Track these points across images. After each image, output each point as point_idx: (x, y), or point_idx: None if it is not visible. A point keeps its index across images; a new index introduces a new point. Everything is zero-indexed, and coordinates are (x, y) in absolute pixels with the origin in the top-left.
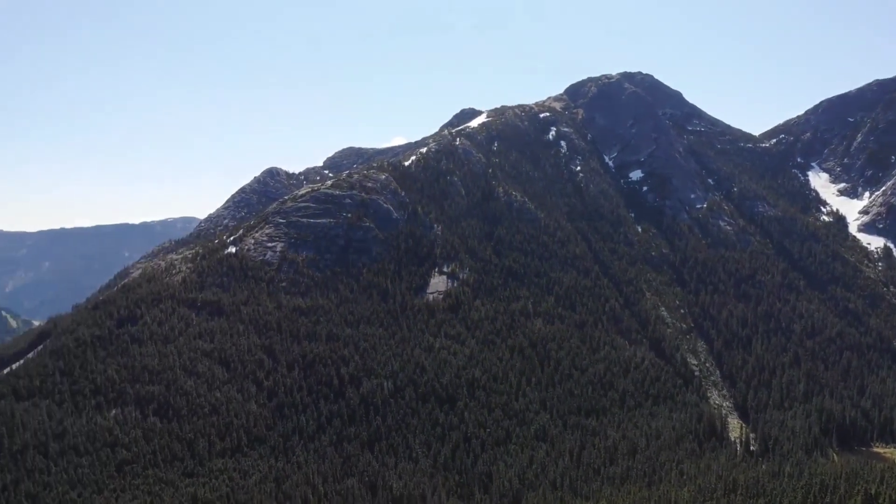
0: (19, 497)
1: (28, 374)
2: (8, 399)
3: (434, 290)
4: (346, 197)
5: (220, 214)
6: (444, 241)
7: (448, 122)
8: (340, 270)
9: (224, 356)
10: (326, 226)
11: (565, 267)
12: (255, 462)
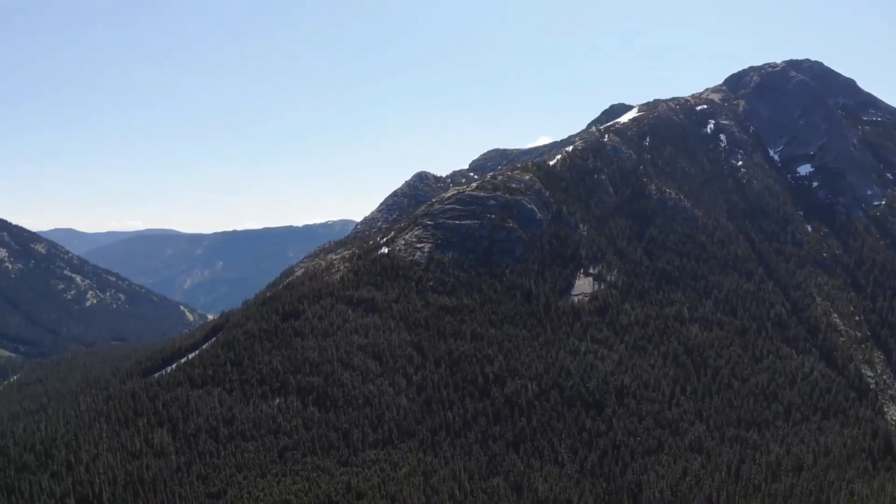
0: (191, 477)
1: (202, 363)
2: (184, 386)
3: (579, 293)
4: (491, 198)
5: (374, 217)
6: (591, 242)
7: (596, 119)
8: (484, 271)
9: (377, 351)
10: (471, 227)
11: (725, 269)
12: (404, 455)
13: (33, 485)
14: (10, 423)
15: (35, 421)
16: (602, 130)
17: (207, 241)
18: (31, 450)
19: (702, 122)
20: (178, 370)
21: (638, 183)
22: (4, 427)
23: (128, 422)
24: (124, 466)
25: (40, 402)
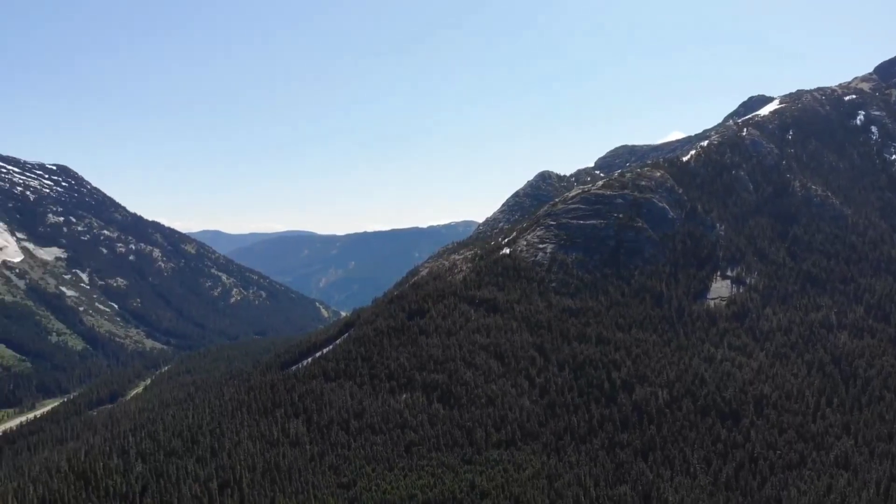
0: (324, 467)
1: (336, 358)
2: (318, 379)
3: (716, 296)
4: (618, 197)
5: (496, 218)
6: (728, 242)
7: (733, 112)
8: (610, 272)
9: (499, 351)
10: (596, 227)
11: (878, 272)
12: (528, 457)
13: (180, 469)
14: (161, 410)
15: (183, 409)
16: (740, 124)
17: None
18: (178, 435)
19: (850, 114)
20: (314, 364)
21: (780, 179)
22: (155, 414)
23: (267, 412)
24: (263, 454)
25: (188, 392)
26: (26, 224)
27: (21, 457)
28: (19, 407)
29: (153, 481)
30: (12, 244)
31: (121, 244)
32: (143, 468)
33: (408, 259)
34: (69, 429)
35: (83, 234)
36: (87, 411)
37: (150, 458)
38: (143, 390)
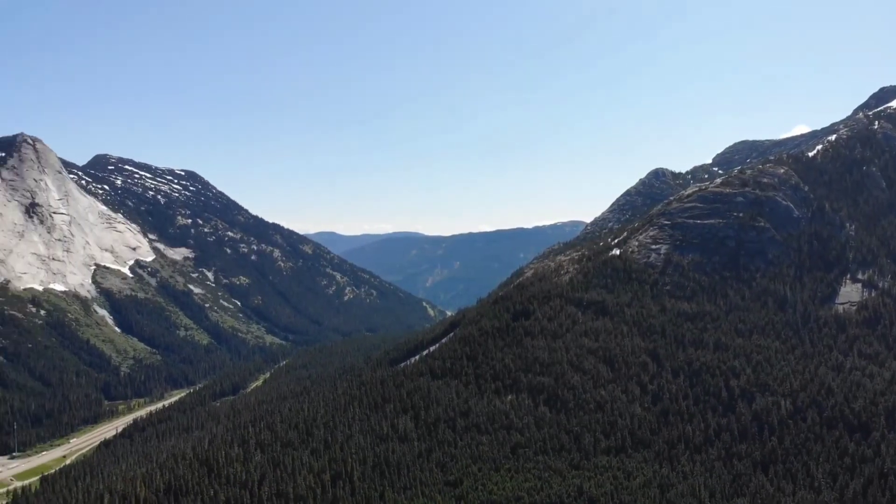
0: (431, 464)
1: (442, 356)
2: (426, 377)
3: (845, 301)
4: (738, 195)
5: (605, 217)
6: (859, 243)
7: (863, 104)
8: (730, 275)
9: (608, 355)
10: (714, 227)
11: None
12: (639, 464)
13: (295, 459)
14: (279, 403)
15: (299, 401)
16: (871, 116)
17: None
18: (294, 427)
19: None
20: (421, 362)
21: None
22: (273, 406)
23: (377, 407)
24: (373, 448)
25: (304, 385)
26: (158, 226)
27: (150, 444)
28: (150, 397)
29: (271, 471)
30: (145, 245)
31: (243, 245)
32: (261, 458)
33: (512, 260)
34: (194, 418)
35: (209, 235)
36: (210, 402)
37: (268, 448)
38: (262, 383)
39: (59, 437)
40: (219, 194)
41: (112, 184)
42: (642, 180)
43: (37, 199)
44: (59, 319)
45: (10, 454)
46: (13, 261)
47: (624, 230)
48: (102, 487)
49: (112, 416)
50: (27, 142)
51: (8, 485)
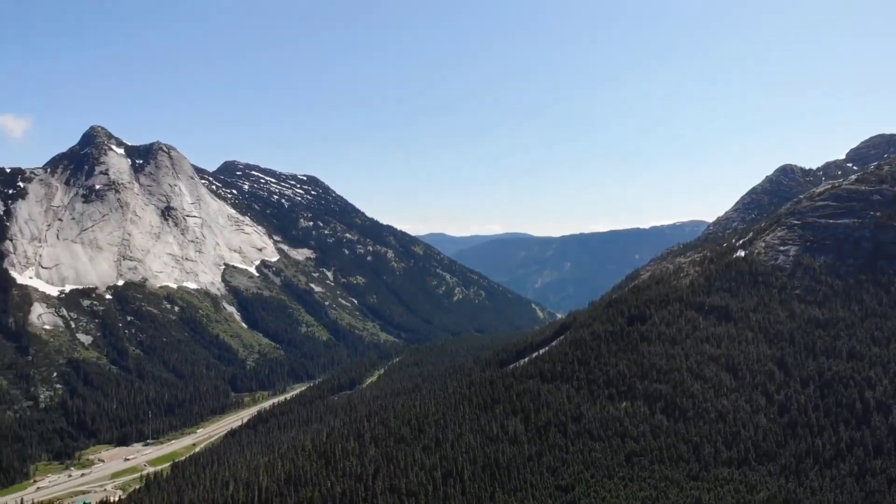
0: (541, 468)
1: (552, 359)
2: (535, 379)
3: None
4: (874, 192)
5: (728, 217)
6: None
7: None
8: (865, 278)
9: (731, 363)
10: (849, 227)
11: None
12: (762, 478)
13: (408, 455)
14: (392, 399)
15: (411, 399)
16: None
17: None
18: (407, 424)
19: None
20: (530, 364)
21: None
22: (387, 401)
23: (486, 407)
24: (483, 448)
25: (416, 382)
26: (282, 228)
27: (272, 434)
28: (273, 389)
29: (384, 465)
30: (270, 246)
31: (360, 246)
32: (375, 452)
33: (627, 261)
34: (314, 411)
35: (329, 236)
36: (329, 396)
37: (381, 443)
38: (377, 379)
39: (190, 426)
40: (338, 198)
41: (240, 188)
42: (769, 177)
43: (172, 203)
44: (191, 315)
45: (144, 441)
46: (150, 260)
47: (749, 230)
48: (228, 475)
49: (238, 407)
50: (162, 149)
51: (142, 470)
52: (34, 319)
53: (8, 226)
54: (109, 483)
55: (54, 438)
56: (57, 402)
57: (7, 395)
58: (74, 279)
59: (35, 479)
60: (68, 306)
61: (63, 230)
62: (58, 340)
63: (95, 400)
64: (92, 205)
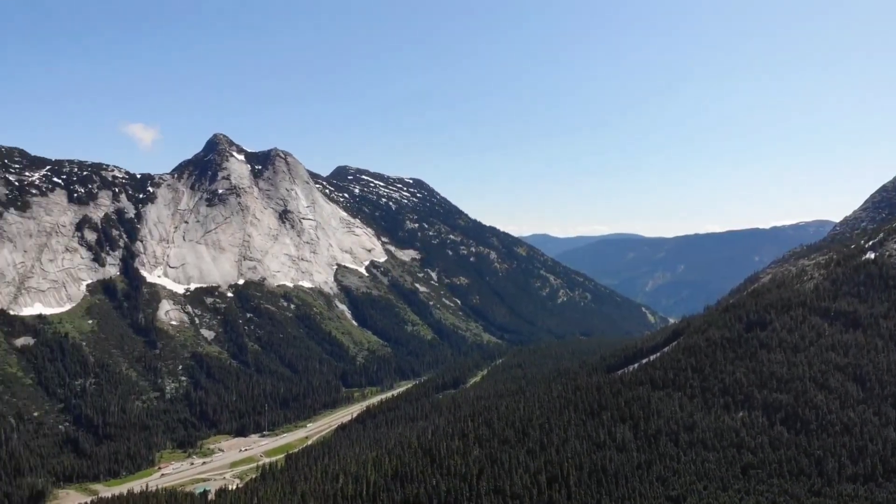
0: (651, 477)
1: (663, 366)
2: (645, 386)
3: None
4: None
5: (856, 217)
6: None
7: None
8: None
9: (859, 373)
10: None
11: None
12: (890, 495)
13: (512, 458)
14: (496, 400)
15: (515, 400)
16: None
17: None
18: (511, 426)
19: None
20: (640, 370)
21: None
22: (491, 402)
23: (593, 413)
24: (589, 455)
25: (519, 385)
26: (389, 230)
27: (380, 430)
28: (381, 386)
29: (488, 466)
30: (378, 247)
31: (463, 247)
32: (479, 452)
33: (746, 264)
34: (419, 409)
35: (433, 238)
36: (434, 394)
37: (486, 444)
38: (480, 379)
39: (303, 419)
40: (442, 200)
41: (351, 192)
42: None
43: (288, 206)
44: (305, 313)
45: (261, 432)
46: (269, 260)
47: (880, 231)
48: (338, 468)
49: (348, 402)
50: (280, 156)
51: (258, 460)
52: (162, 315)
53: (139, 228)
54: (228, 472)
55: (178, 428)
56: (181, 393)
57: (136, 386)
58: (199, 278)
59: (160, 466)
60: (193, 303)
61: (189, 232)
62: (183, 335)
63: (216, 392)
64: (215, 208)
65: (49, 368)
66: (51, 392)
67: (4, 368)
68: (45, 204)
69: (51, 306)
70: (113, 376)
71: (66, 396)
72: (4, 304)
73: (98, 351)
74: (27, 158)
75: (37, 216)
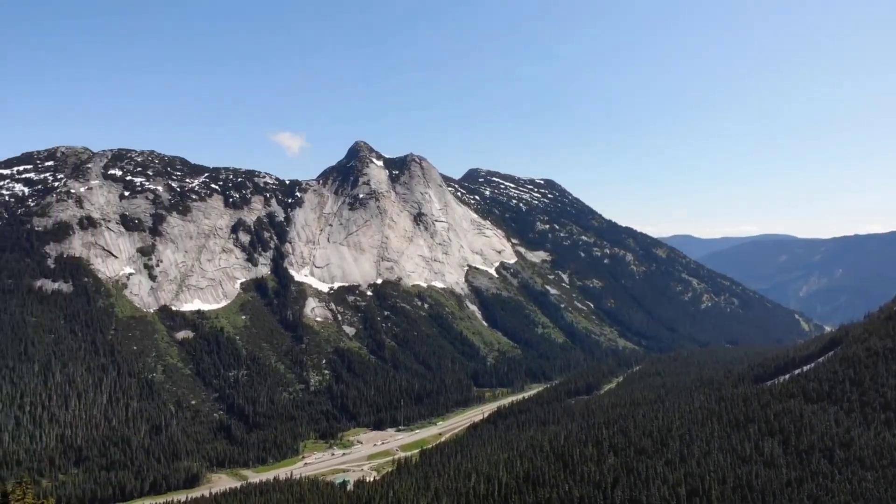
0: (801, 495)
1: (818, 377)
2: (797, 399)
3: None
4: None
5: None
6: None
7: None
8: None
9: None
10: None
11: None
12: None
13: (649, 468)
14: (632, 408)
15: (653, 410)
16: None
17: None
18: (648, 435)
19: None
20: (791, 381)
21: None
22: (627, 410)
23: (738, 425)
24: (734, 469)
25: (658, 393)
26: (519, 231)
27: (511, 432)
28: (511, 387)
29: (623, 475)
30: (508, 248)
31: (597, 248)
32: (614, 461)
33: None
34: (551, 413)
35: (565, 239)
36: (566, 399)
37: (621, 452)
38: (615, 386)
39: (436, 416)
40: (574, 200)
41: (482, 194)
42: None
43: (422, 209)
44: (438, 312)
45: (396, 427)
46: (404, 261)
47: None
48: (470, 467)
49: (479, 401)
50: (415, 161)
51: (394, 454)
52: (308, 312)
53: (287, 230)
54: (366, 464)
55: (321, 419)
56: (324, 386)
57: (284, 378)
58: (341, 277)
59: (304, 456)
60: (336, 301)
61: (332, 234)
62: (327, 331)
63: (356, 386)
64: (356, 212)
65: (206, 360)
66: (207, 382)
67: (167, 359)
68: (204, 208)
69: (208, 302)
70: (263, 368)
71: (220, 386)
72: (167, 300)
73: (250, 344)
74: (188, 166)
75: (196, 220)
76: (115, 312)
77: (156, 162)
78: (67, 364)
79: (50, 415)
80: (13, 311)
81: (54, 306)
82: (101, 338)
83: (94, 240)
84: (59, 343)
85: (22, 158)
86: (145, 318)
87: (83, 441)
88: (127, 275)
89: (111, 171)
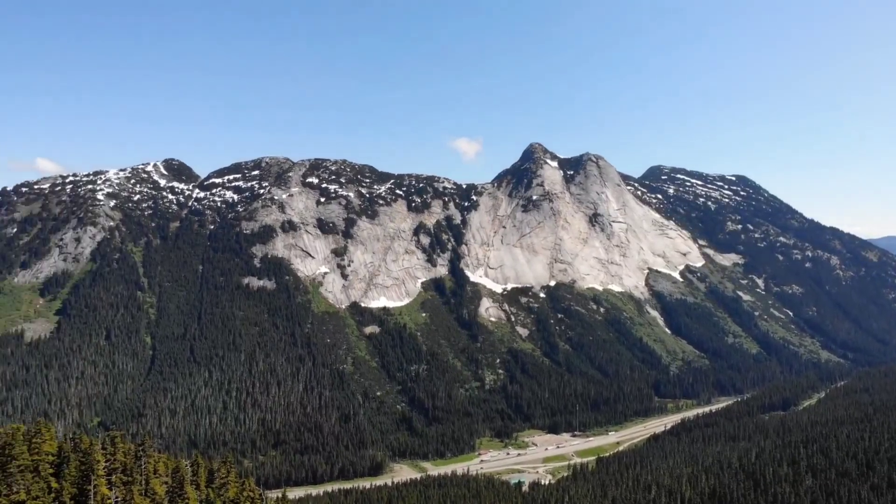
0: None
1: None
2: None
3: None
4: None
5: None
6: None
7: None
8: None
9: None
10: None
11: None
12: None
13: (852, 493)
14: (834, 427)
15: (859, 430)
16: None
17: None
18: (853, 457)
19: None
20: None
21: None
22: (828, 429)
23: None
24: None
25: (865, 412)
26: (707, 232)
27: (696, 445)
28: (697, 399)
29: (822, 499)
30: (694, 250)
31: (796, 251)
32: (812, 483)
33: None
34: (741, 428)
35: (759, 240)
36: (758, 414)
37: (820, 474)
38: (815, 402)
39: (613, 423)
40: (770, 198)
41: (664, 193)
42: None
43: (598, 209)
44: (615, 317)
45: (572, 432)
46: (578, 263)
47: None
48: (650, 479)
49: (661, 412)
50: (591, 160)
51: (569, 459)
52: (482, 312)
53: (464, 233)
54: (541, 466)
55: (496, 418)
56: (499, 385)
57: (460, 375)
58: (514, 278)
59: (479, 453)
60: (509, 302)
61: (506, 236)
62: (500, 331)
63: (530, 387)
64: (529, 213)
65: (390, 354)
66: (391, 375)
67: (356, 352)
68: (390, 212)
69: (393, 300)
70: (441, 364)
71: (402, 379)
72: (357, 297)
73: (429, 341)
74: (375, 174)
75: (383, 223)
76: (311, 308)
77: (347, 170)
78: (269, 354)
79: (253, 400)
80: (224, 306)
81: (259, 301)
82: (300, 331)
83: (295, 242)
84: (262, 335)
85: (231, 168)
86: (338, 314)
87: (281, 426)
88: (322, 273)
89: (309, 179)
